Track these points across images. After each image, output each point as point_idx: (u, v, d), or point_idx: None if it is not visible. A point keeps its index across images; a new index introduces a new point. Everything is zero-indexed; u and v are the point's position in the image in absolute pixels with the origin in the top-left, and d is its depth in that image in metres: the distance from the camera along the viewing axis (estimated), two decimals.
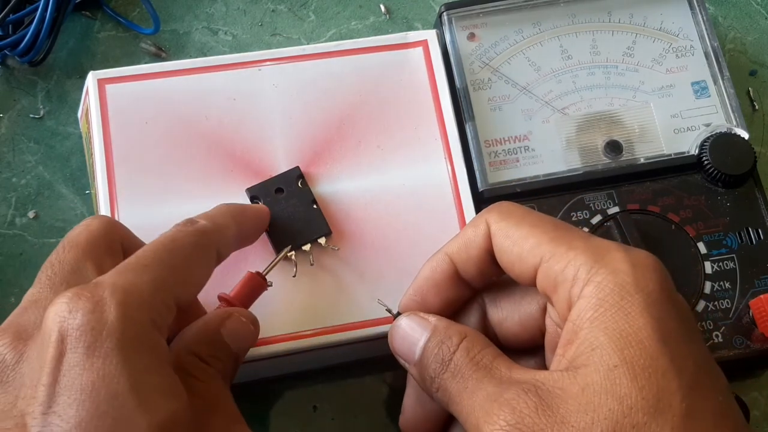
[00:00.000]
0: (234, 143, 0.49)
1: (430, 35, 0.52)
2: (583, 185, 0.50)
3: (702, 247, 0.49)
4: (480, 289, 0.41)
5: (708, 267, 0.49)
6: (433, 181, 0.49)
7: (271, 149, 0.49)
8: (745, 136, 0.51)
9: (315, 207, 0.47)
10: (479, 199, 0.49)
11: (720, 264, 0.49)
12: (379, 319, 0.45)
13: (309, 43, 0.57)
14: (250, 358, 0.42)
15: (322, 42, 0.57)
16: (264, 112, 0.49)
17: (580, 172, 0.50)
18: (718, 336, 0.48)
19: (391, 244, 0.47)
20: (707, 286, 0.48)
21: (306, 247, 0.46)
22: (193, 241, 0.39)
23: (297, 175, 0.48)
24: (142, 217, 0.45)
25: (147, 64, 0.52)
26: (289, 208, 0.47)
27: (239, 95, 0.50)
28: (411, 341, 0.39)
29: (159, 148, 0.48)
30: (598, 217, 0.50)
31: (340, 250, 0.47)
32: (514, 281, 0.39)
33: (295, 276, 0.46)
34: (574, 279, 0.35)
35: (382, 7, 0.59)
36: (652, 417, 0.32)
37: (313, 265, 0.46)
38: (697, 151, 0.51)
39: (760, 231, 0.50)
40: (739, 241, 0.50)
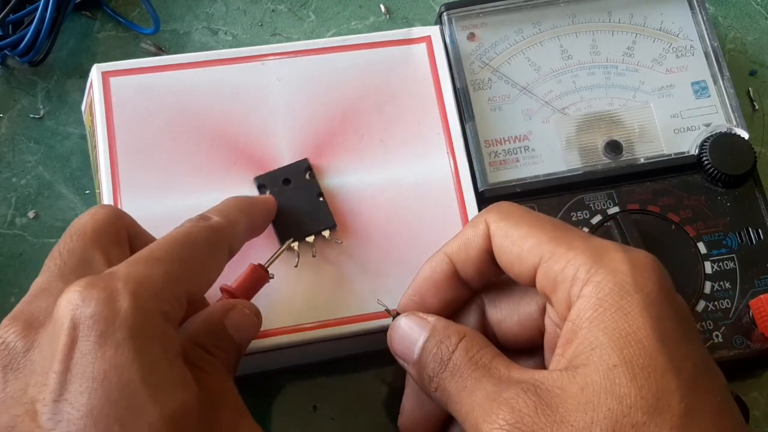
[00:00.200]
0: (237, 136, 0.49)
1: (434, 31, 0.52)
2: (583, 185, 0.50)
3: (702, 247, 0.49)
4: (479, 290, 0.41)
5: (708, 267, 0.49)
6: (435, 176, 0.49)
7: (274, 143, 0.49)
8: (745, 136, 0.51)
9: (321, 200, 0.48)
10: (479, 199, 0.49)
11: (720, 264, 0.49)
12: (380, 313, 0.45)
13: None
14: (251, 350, 0.42)
15: None
16: (267, 105, 0.50)
17: (580, 172, 0.50)
18: (718, 336, 0.48)
19: (393, 238, 0.48)
20: (707, 286, 0.48)
21: (310, 238, 0.47)
22: (206, 238, 0.39)
23: (305, 167, 0.48)
24: (145, 209, 0.45)
25: (151, 57, 0.52)
26: (296, 199, 0.47)
27: (243, 89, 0.50)
28: (410, 341, 0.39)
29: (162, 140, 0.48)
30: (598, 217, 0.50)
31: (342, 243, 0.47)
32: (513, 281, 0.39)
33: (297, 266, 0.46)
34: (573, 279, 0.35)
35: (382, 7, 0.59)
36: (651, 416, 0.32)
37: (315, 256, 0.46)
38: (697, 151, 0.51)
39: (760, 231, 0.50)
40: (739, 241, 0.50)
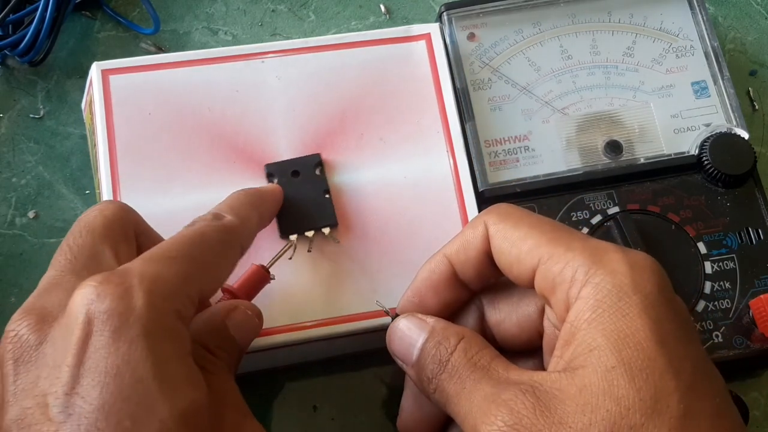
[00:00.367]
0: (237, 134, 0.49)
1: (433, 29, 0.52)
2: (583, 185, 0.50)
3: (702, 247, 0.49)
4: (478, 291, 0.41)
5: (708, 267, 0.49)
6: (435, 176, 0.49)
7: (273, 141, 0.49)
8: (745, 136, 0.51)
9: (327, 197, 0.48)
10: (479, 199, 0.49)
11: (720, 264, 0.49)
12: (380, 311, 0.44)
13: None
14: (250, 348, 0.42)
15: None
16: (267, 103, 0.50)
17: (580, 172, 0.50)
18: (718, 336, 0.48)
19: (392, 237, 0.48)
20: (707, 286, 0.48)
21: (309, 233, 0.47)
22: (220, 238, 0.39)
23: (316, 162, 0.48)
24: (145, 207, 0.45)
25: (151, 55, 0.52)
26: (302, 192, 0.47)
27: (242, 87, 0.50)
28: (409, 342, 0.39)
29: (162, 138, 0.48)
30: (598, 217, 0.50)
31: (341, 238, 0.47)
32: (512, 283, 0.39)
33: (291, 258, 0.46)
34: (572, 280, 0.35)
35: (382, 7, 0.59)
36: (649, 418, 0.32)
37: (310, 251, 0.47)
38: (697, 151, 0.51)
39: (760, 231, 0.50)
40: (739, 241, 0.50)
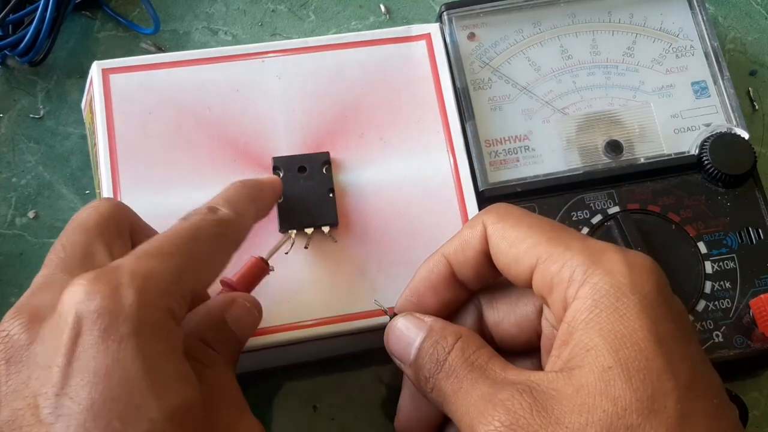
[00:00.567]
0: (237, 134, 0.49)
1: (433, 29, 0.52)
2: (583, 185, 0.50)
3: (702, 247, 0.49)
4: (477, 291, 0.41)
5: (708, 267, 0.49)
6: (435, 174, 0.49)
7: (273, 140, 0.49)
8: (745, 136, 0.51)
9: (331, 196, 0.48)
10: (479, 199, 0.49)
11: (720, 264, 0.49)
12: (380, 311, 0.44)
13: None
14: (249, 347, 0.42)
15: None
16: (267, 103, 0.50)
17: (580, 172, 0.50)
18: (718, 336, 0.48)
19: (392, 236, 0.48)
20: (707, 286, 0.48)
21: (309, 230, 0.47)
22: (215, 233, 0.38)
23: (324, 160, 0.48)
24: (144, 206, 0.45)
25: (151, 55, 0.52)
26: (307, 188, 0.47)
27: (242, 86, 0.50)
28: (406, 341, 0.39)
29: (162, 138, 0.48)
30: (599, 217, 0.50)
31: (340, 237, 0.47)
32: (510, 283, 0.39)
33: (287, 253, 0.46)
34: (569, 280, 0.35)
35: (382, 7, 0.59)
36: (646, 418, 0.32)
37: (307, 248, 0.47)
38: (697, 151, 0.51)
39: (760, 231, 0.50)
40: (740, 240, 0.50)
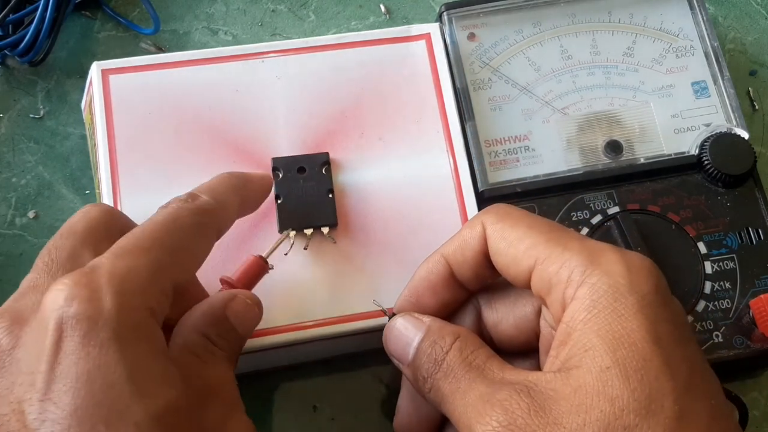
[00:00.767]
0: (236, 134, 0.49)
1: (433, 28, 0.52)
2: (583, 185, 0.50)
3: (702, 247, 0.49)
4: (475, 291, 0.41)
5: (708, 267, 0.49)
6: (435, 174, 0.49)
7: (274, 140, 0.49)
8: (745, 136, 0.51)
9: (330, 196, 0.47)
10: (479, 199, 0.49)
11: (720, 264, 0.49)
12: (379, 312, 0.44)
13: None
14: (248, 348, 0.42)
15: None
16: (267, 103, 0.50)
17: (580, 172, 0.50)
18: (718, 336, 0.47)
19: (392, 237, 0.47)
20: (707, 286, 0.48)
21: (308, 231, 0.47)
22: (194, 221, 0.38)
23: (323, 161, 0.48)
24: (144, 207, 0.45)
25: (151, 55, 0.52)
26: (306, 189, 0.47)
27: (242, 87, 0.50)
28: (405, 341, 0.39)
29: (162, 138, 0.48)
30: (598, 217, 0.50)
31: (339, 237, 0.47)
32: (509, 284, 0.39)
33: (287, 254, 0.46)
34: (568, 280, 0.35)
35: (382, 7, 0.59)
36: (643, 418, 0.32)
37: (306, 249, 0.47)
38: (697, 151, 0.51)
39: (760, 231, 0.50)
40: (739, 241, 0.49)
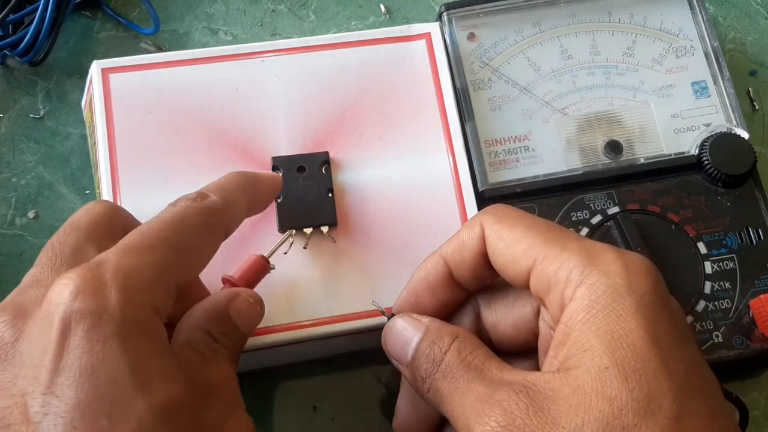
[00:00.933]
0: (236, 133, 0.49)
1: (433, 28, 0.52)
2: (583, 185, 0.50)
3: (702, 247, 0.49)
4: (474, 292, 0.41)
5: (708, 267, 0.49)
6: (434, 174, 0.49)
7: (273, 139, 0.49)
8: (745, 136, 0.51)
9: (330, 195, 0.47)
10: (479, 199, 0.49)
11: (720, 264, 0.49)
12: (377, 311, 0.44)
13: None
14: (248, 347, 0.42)
15: None
16: (266, 102, 0.50)
17: (580, 172, 0.50)
18: (718, 336, 0.47)
19: (392, 236, 0.47)
20: (707, 286, 0.48)
21: (308, 230, 0.47)
22: (202, 221, 0.38)
23: (323, 160, 0.48)
24: (144, 206, 0.45)
25: (151, 54, 0.52)
26: (306, 188, 0.47)
27: (242, 86, 0.50)
28: (404, 342, 0.38)
29: (162, 137, 0.48)
30: (598, 217, 0.50)
31: (339, 237, 0.47)
32: (508, 284, 0.39)
33: (286, 253, 0.46)
34: (566, 281, 0.35)
35: (382, 7, 0.59)
36: (642, 418, 0.32)
37: (306, 248, 0.47)
38: (697, 151, 0.51)
39: (760, 231, 0.50)
40: (739, 241, 0.49)
